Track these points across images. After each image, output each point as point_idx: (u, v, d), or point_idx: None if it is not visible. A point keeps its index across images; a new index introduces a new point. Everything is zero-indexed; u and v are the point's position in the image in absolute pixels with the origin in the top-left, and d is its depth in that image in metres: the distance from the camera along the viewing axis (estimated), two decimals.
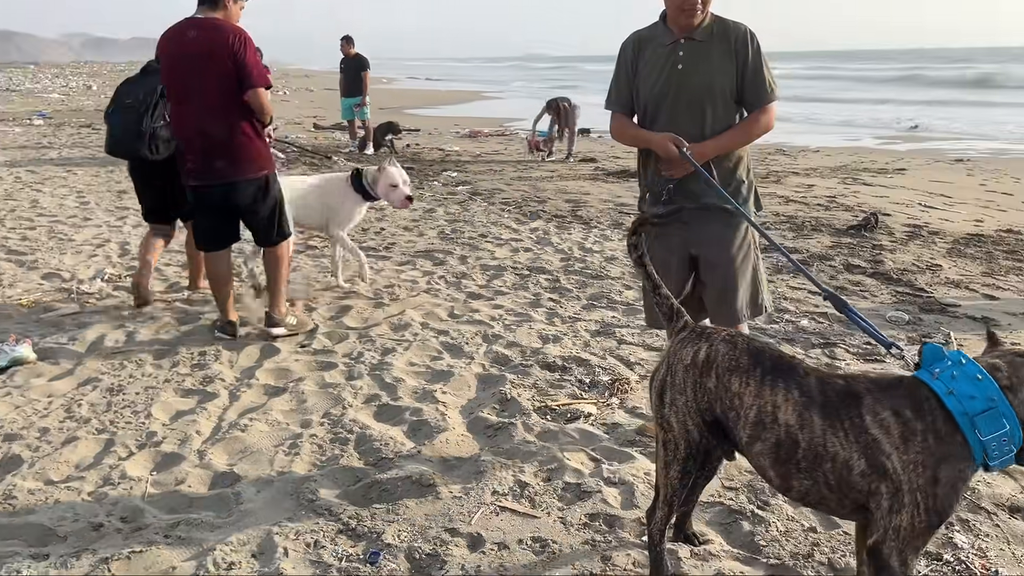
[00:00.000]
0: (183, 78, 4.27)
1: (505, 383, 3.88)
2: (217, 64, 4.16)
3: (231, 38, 4.17)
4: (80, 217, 7.87)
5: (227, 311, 4.56)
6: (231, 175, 4.32)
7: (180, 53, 4.26)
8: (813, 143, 16.23)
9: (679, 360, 2.23)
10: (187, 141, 4.35)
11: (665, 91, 3.10)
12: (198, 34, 4.22)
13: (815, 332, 4.68)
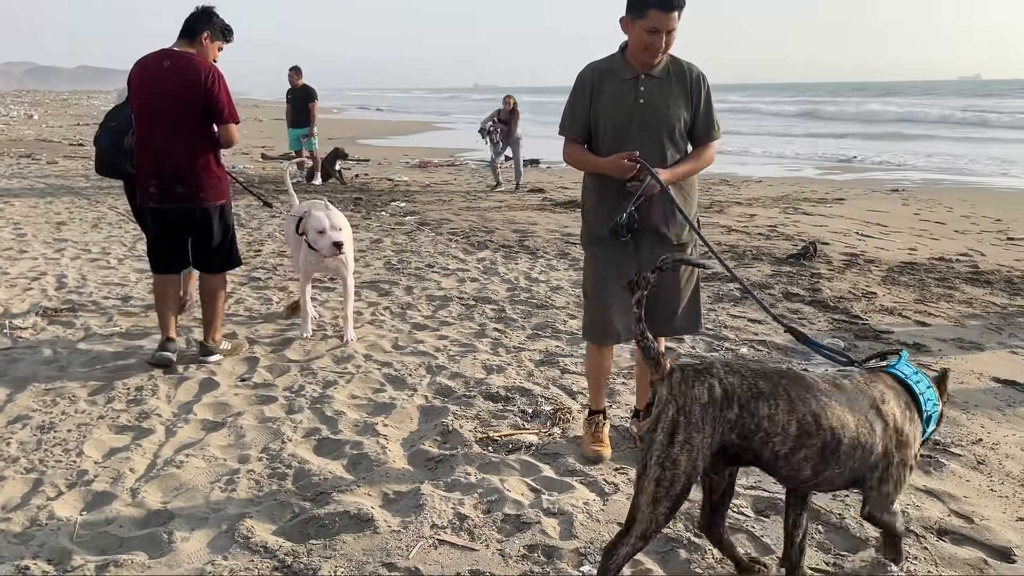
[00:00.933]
0: (154, 105, 4.42)
1: (448, 415, 3.88)
2: (188, 97, 4.36)
3: (204, 74, 4.37)
4: (16, 249, 7.68)
5: (167, 328, 4.64)
6: (191, 201, 4.48)
7: (153, 80, 4.42)
8: (756, 173, 16.61)
9: (693, 400, 2.27)
10: (151, 165, 4.47)
11: (628, 123, 3.27)
12: (172, 64, 4.40)
13: (754, 360, 4.76)
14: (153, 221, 4.59)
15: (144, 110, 4.47)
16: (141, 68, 4.49)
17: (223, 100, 4.44)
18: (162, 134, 4.42)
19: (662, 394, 2.32)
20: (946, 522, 2.97)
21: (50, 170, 15.03)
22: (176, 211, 4.49)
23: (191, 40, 4.50)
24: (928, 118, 34.74)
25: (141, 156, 4.53)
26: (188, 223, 4.53)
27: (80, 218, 9.58)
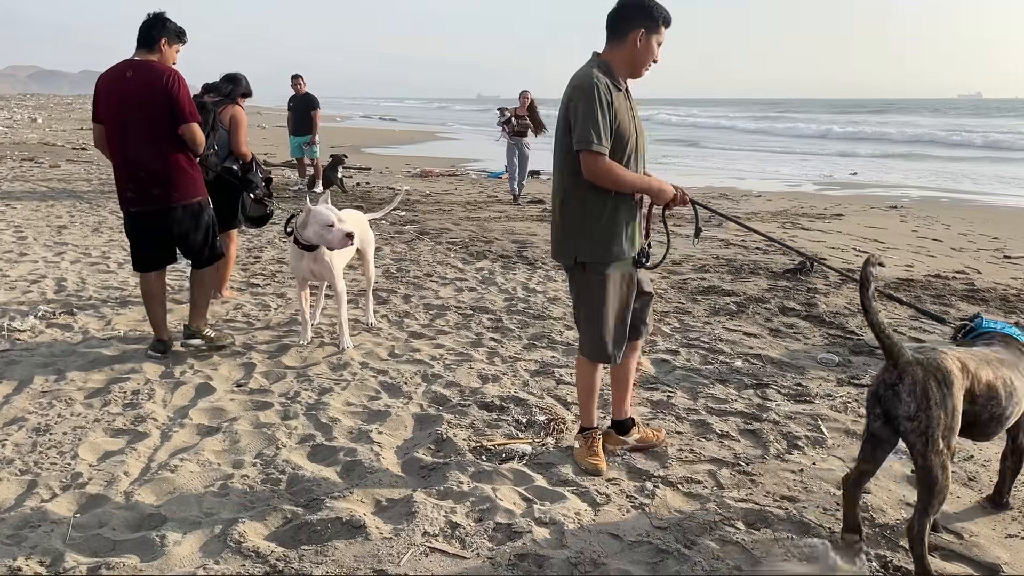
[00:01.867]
0: (122, 114, 4.59)
1: (442, 423, 3.90)
2: (153, 102, 4.53)
3: (165, 78, 4.54)
4: (17, 252, 7.70)
5: (159, 329, 4.85)
6: (167, 201, 4.67)
7: (119, 91, 4.59)
8: (755, 188, 16.66)
9: (947, 373, 2.65)
10: (126, 171, 4.65)
11: (636, 136, 3.31)
12: (135, 74, 4.57)
13: (748, 373, 4.78)
14: (134, 223, 4.77)
15: (114, 120, 4.63)
16: (106, 81, 4.67)
17: (183, 101, 4.58)
18: (133, 140, 4.59)
19: (918, 374, 2.61)
20: (936, 538, 2.98)
21: (52, 174, 15.08)
22: (155, 212, 4.67)
23: (149, 48, 4.65)
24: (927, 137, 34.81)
25: (116, 163, 4.69)
26: (168, 222, 4.71)
27: (81, 222, 9.62)
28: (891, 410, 2.67)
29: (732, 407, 4.24)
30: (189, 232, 4.79)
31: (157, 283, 4.86)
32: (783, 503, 3.22)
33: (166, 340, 4.84)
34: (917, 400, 2.60)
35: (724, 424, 4.00)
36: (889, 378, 2.67)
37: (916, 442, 2.62)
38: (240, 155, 5.97)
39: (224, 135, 5.89)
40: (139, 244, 4.81)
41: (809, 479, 3.43)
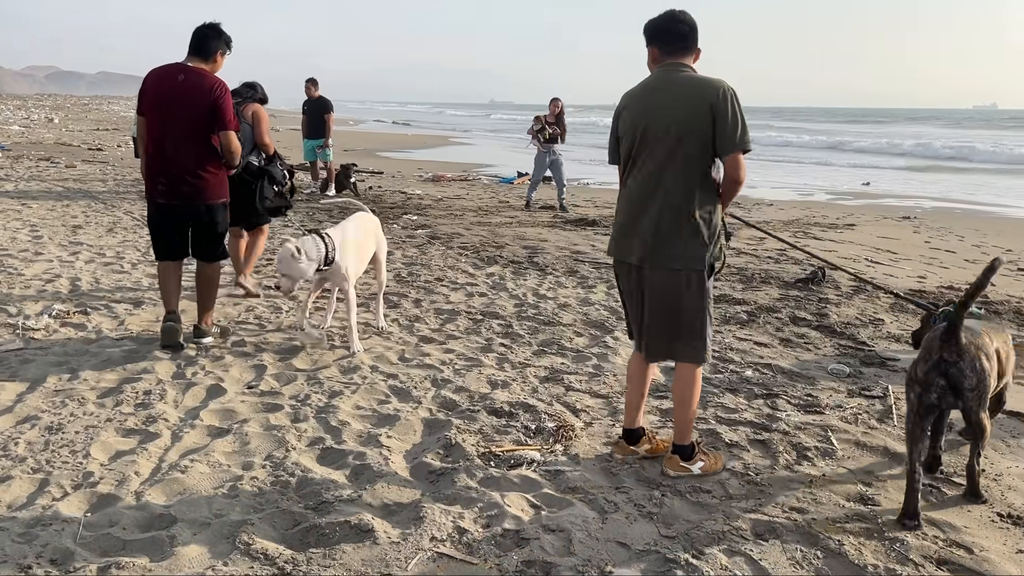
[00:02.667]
0: (167, 112, 4.91)
1: (451, 428, 3.90)
2: (199, 108, 4.88)
3: (215, 88, 4.91)
4: (32, 251, 7.77)
5: (170, 303, 5.09)
6: (195, 199, 4.99)
7: (168, 91, 4.91)
8: (767, 197, 16.62)
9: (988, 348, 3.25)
10: (161, 164, 4.96)
11: None
12: (187, 79, 4.91)
13: (758, 383, 4.77)
14: (159, 214, 5.06)
15: (157, 116, 4.94)
16: (156, 79, 4.98)
17: (227, 111, 4.96)
18: (174, 139, 4.91)
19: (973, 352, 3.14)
20: (946, 552, 2.97)
21: (68, 174, 15.20)
22: (181, 206, 4.99)
23: (204, 57, 5.01)
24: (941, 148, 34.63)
25: (152, 155, 4.99)
26: (191, 217, 5.03)
27: (96, 222, 9.68)
28: (957, 383, 3.14)
29: (742, 416, 4.23)
30: (207, 230, 5.09)
31: (174, 270, 5.13)
32: (792, 514, 3.21)
33: (176, 311, 5.07)
34: (977, 374, 3.13)
35: (734, 434, 3.99)
36: (950, 357, 3.13)
37: (973, 406, 3.17)
38: (264, 146, 6.24)
39: (247, 129, 6.12)
40: (160, 233, 5.09)
41: (819, 490, 3.42)
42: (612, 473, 3.53)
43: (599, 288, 7.12)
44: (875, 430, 4.09)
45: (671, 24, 3.41)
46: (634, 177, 3.47)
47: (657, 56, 3.46)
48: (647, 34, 3.48)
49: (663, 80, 3.41)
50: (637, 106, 3.45)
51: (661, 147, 3.35)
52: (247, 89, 6.46)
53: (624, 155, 3.54)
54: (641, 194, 3.42)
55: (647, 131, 3.38)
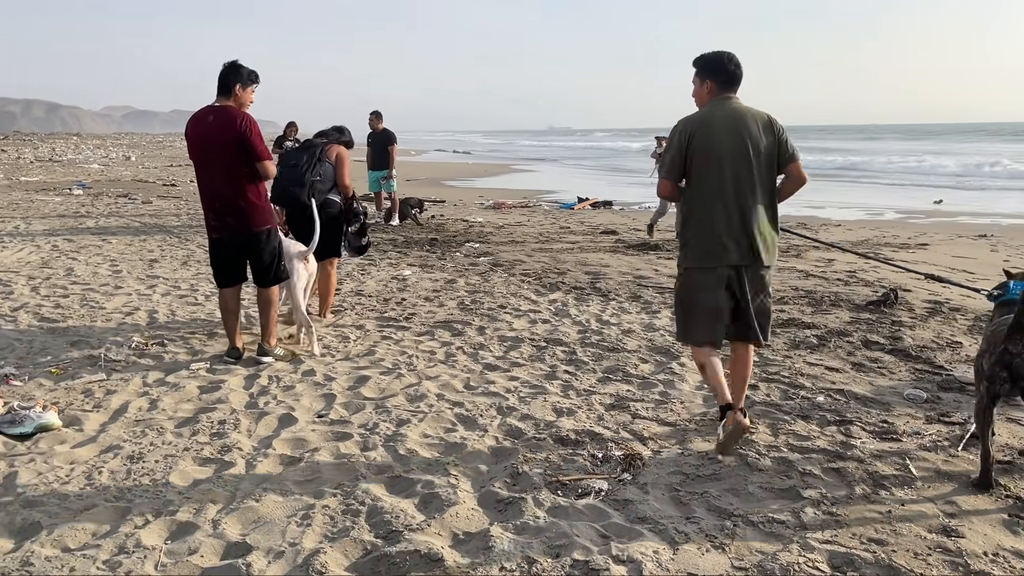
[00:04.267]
0: (204, 153, 5.31)
1: (517, 456, 3.91)
2: (228, 143, 5.22)
3: (239, 122, 5.22)
4: (112, 285, 8.08)
5: (233, 339, 5.54)
6: (240, 229, 5.39)
7: (202, 133, 5.30)
8: (834, 217, 16.29)
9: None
10: (208, 203, 5.41)
11: None
12: (215, 118, 5.28)
13: (831, 409, 4.66)
14: (214, 247, 5.53)
15: (198, 158, 5.37)
16: (192, 124, 5.39)
17: (255, 142, 5.27)
18: (214, 177, 5.32)
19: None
20: None
21: (144, 209, 15.80)
22: (230, 237, 5.43)
23: (227, 95, 5.34)
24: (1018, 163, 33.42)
25: (201, 196, 5.45)
26: (241, 246, 5.46)
27: (171, 255, 10.04)
28: (1020, 375, 3.41)
29: (815, 444, 4.13)
30: (256, 255, 5.50)
31: (232, 298, 5.53)
32: (871, 546, 3.11)
33: (239, 348, 5.53)
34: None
35: (807, 462, 3.90)
36: (1015, 348, 3.40)
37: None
38: (343, 187, 6.59)
39: (329, 168, 6.48)
40: (217, 264, 5.53)
41: (897, 521, 3.31)
42: (682, 503, 3.49)
43: (663, 314, 7.06)
44: (956, 458, 3.95)
45: (731, 67, 4.04)
46: (720, 193, 3.93)
47: (714, 89, 4.06)
48: (707, 70, 4.08)
49: (734, 110, 3.99)
50: (718, 134, 3.94)
51: (745, 165, 3.93)
52: (335, 132, 6.81)
53: (699, 173, 3.98)
54: (739, 206, 3.93)
55: (730, 152, 3.92)
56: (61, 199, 17.66)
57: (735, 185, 3.92)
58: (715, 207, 3.93)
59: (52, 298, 7.42)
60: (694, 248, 4.03)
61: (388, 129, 14.23)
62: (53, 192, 19.37)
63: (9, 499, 3.44)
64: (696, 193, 4.00)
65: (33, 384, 4.98)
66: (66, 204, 16.50)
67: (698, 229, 4.00)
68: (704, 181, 3.96)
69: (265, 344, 5.53)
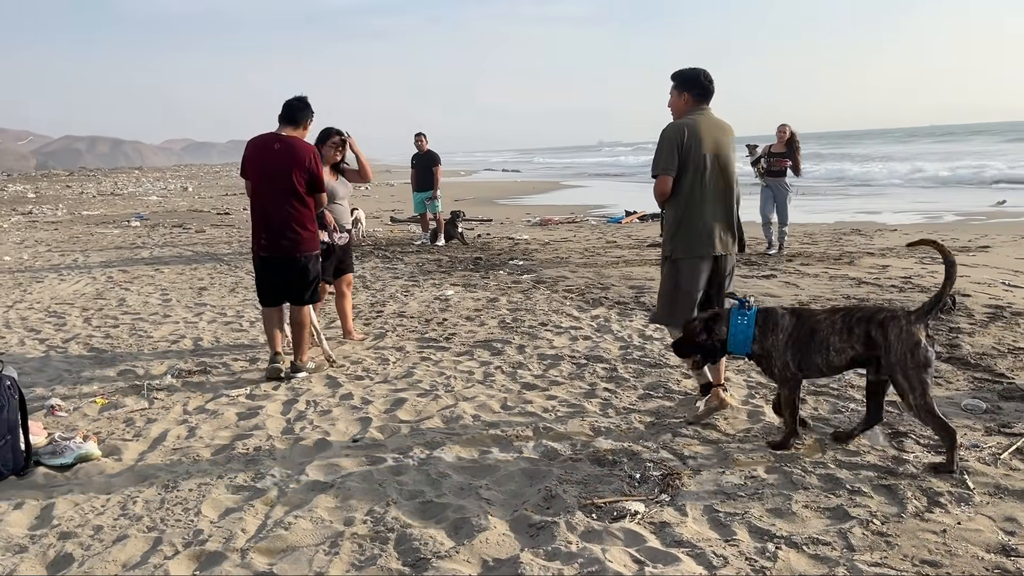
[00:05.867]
0: (266, 177, 5.59)
1: (551, 478, 3.81)
2: (295, 173, 5.55)
3: (309, 156, 5.62)
4: (161, 314, 8.23)
5: (275, 346, 5.84)
6: (292, 252, 5.66)
7: (268, 159, 5.59)
8: (890, 221, 15.83)
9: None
10: (263, 222, 5.65)
11: None
12: (282, 147, 5.58)
13: (884, 422, 4.45)
14: (263, 265, 5.75)
15: (258, 180, 5.62)
16: (256, 148, 5.67)
17: (320, 177, 5.70)
18: (273, 199, 5.58)
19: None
20: None
21: (197, 238, 16.14)
22: (280, 259, 5.66)
23: (295, 127, 5.69)
24: None
25: (256, 215, 5.68)
26: (288, 268, 5.67)
27: (220, 283, 10.20)
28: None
29: (864, 459, 3.94)
30: (301, 278, 5.72)
31: (276, 314, 5.85)
32: (924, 568, 2.94)
33: (280, 352, 5.83)
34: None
35: (855, 479, 3.72)
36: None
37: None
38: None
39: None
40: (263, 282, 5.80)
41: (953, 541, 3.12)
42: (722, 524, 3.35)
43: None
44: (1017, 472, 3.72)
45: (705, 82, 4.61)
46: (705, 190, 4.50)
47: (690, 101, 4.61)
48: (685, 84, 4.63)
49: (711, 119, 4.59)
50: (703, 137, 4.48)
51: (723, 166, 4.55)
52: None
53: (690, 172, 4.48)
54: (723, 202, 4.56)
55: (713, 154, 4.50)
56: (119, 231, 18.16)
57: (718, 183, 4.52)
58: (704, 202, 4.50)
59: (103, 328, 7.58)
60: (684, 239, 4.53)
61: (432, 150, 14.32)
62: (112, 225, 19.95)
63: (44, 531, 3.47)
64: (688, 190, 4.50)
65: (78, 415, 5.06)
66: (124, 236, 16.96)
67: (689, 222, 4.51)
68: (694, 179, 4.48)
69: (298, 361, 5.81)
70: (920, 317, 3.86)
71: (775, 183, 11.60)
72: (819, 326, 4.01)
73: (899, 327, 3.83)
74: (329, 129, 6.60)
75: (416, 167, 14.43)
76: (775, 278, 9.24)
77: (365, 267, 11.37)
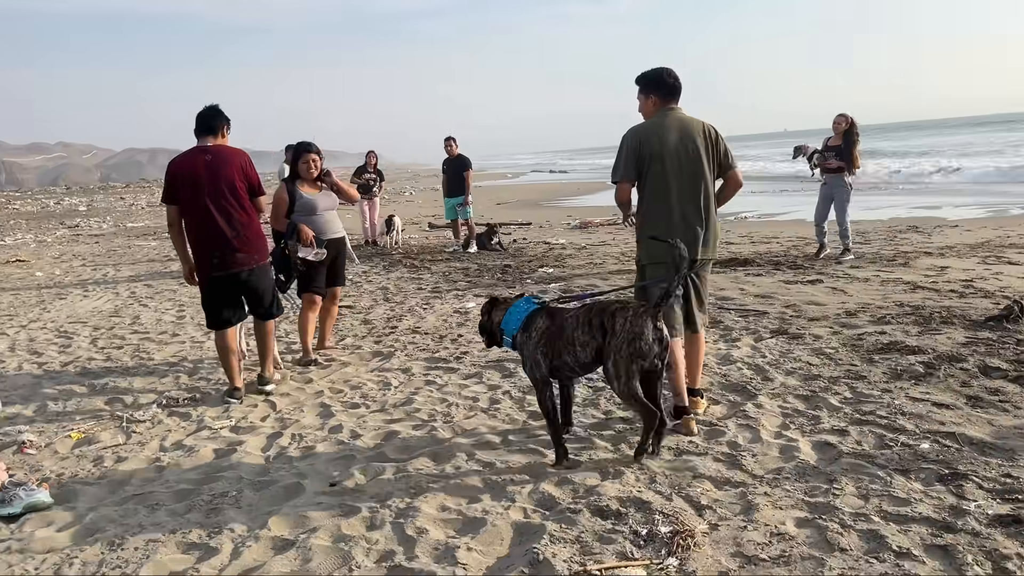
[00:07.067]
0: (206, 192, 5.24)
1: (543, 536, 3.28)
2: (232, 180, 5.31)
3: (243, 161, 5.40)
4: (170, 333, 7.92)
5: (233, 379, 5.51)
6: (248, 263, 5.38)
7: (201, 174, 5.26)
8: (950, 216, 14.87)
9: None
10: (211, 241, 5.28)
11: None
12: (213, 158, 5.31)
13: (938, 459, 3.82)
14: (215, 287, 5.40)
15: (198, 198, 5.25)
16: (184, 167, 5.30)
17: (255, 177, 5.48)
18: (220, 213, 5.27)
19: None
20: None
21: None
22: (236, 274, 5.35)
23: (215, 135, 5.41)
24: None
25: (199, 234, 5.31)
26: (244, 282, 5.40)
27: None
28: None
29: (915, 510, 3.33)
30: (261, 289, 5.50)
31: (232, 338, 5.50)
32: None
33: (240, 388, 5.52)
34: None
35: (904, 536, 3.12)
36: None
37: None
38: None
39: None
40: (218, 305, 5.42)
41: None
42: None
43: (744, 342, 6.28)
44: None
45: (671, 81, 4.48)
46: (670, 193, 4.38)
47: (658, 102, 4.49)
48: (649, 86, 4.52)
49: (679, 119, 4.45)
50: (666, 139, 4.37)
51: (692, 167, 4.40)
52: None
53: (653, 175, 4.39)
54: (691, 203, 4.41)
55: (679, 155, 4.38)
56: (157, 243, 18.13)
57: (685, 185, 4.38)
58: (669, 206, 4.38)
59: (107, 350, 7.28)
60: (649, 245, 4.38)
61: (463, 155, 13.89)
62: (152, 237, 19.99)
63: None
64: (651, 194, 4.41)
65: (48, 452, 4.70)
66: (160, 248, 16.89)
67: (654, 227, 4.38)
68: (658, 183, 4.38)
69: (265, 374, 5.65)
70: (648, 309, 3.87)
71: (832, 180, 10.46)
72: (567, 323, 4.02)
73: (625, 317, 3.86)
74: (300, 144, 6.47)
75: (446, 172, 14.03)
76: (821, 283, 8.53)
77: (390, 278, 10.96)
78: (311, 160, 6.39)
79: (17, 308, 9.98)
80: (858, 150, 10.38)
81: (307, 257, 6.11)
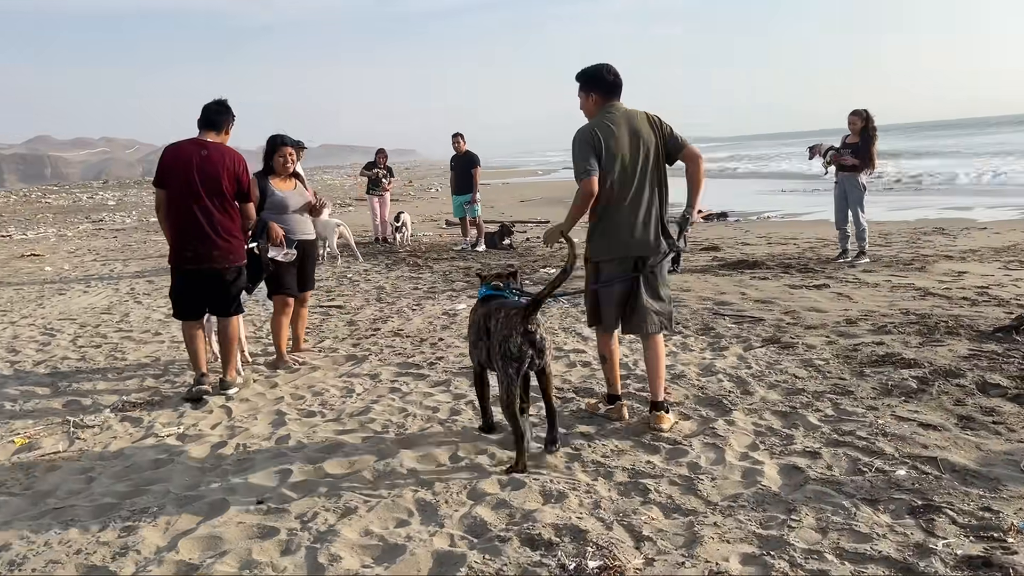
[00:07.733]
0: (193, 186, 5.24)
1: (462, 568, 3.01)
2: (224, 179, 5.31)
3: (238, 163, 5.38)
4: (152, 332, 7.78)
5: (200, 365, 5.52)
6: (222, 262, 5.38)
7: (194, 166, 5.25)
8: (980, 218, 14.27)
9: None
10: (190, 235, 5.29)
11: None
12: (210, 153, 5.31)
13: (913, 488, 3.49)
14: (186, 279, 5.41)
15: (184, 190, 5.26)
16: (178, 155, 5.30)
17: (247, 184, 5.48)
18: (201, 209, 5.26)
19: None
20: None
21: None
22: (208, 270, 5.35)
23: (217, 131, 5.42)
24: None
25: (179, 226, 5.31)
26: (216, 280, 5.39)
27: None
28: None
29: (875, 548, 3.01)
30: (228, 290, 5.46)
31: (197, 327, 5.51)
32: None
33: (207, 373, 5.52)
34: None
35: None
36: None
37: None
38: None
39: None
40: (187, 298, 5.44)
41: None
42: None
43: (731, 351, 5.93)
44: None
45: (610, 77, 4.39)
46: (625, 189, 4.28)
47: (599, 100, 4.41)
48: (589, 83, 4.43)
49: (624, 113, 4.35)
50: (617, 136, 4.25)
51: (643, 162, 4.30)
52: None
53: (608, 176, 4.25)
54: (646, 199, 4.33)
55: (630, 151, 4.27)
56: None
57: (637, 181, 4.28)
58: (623, 203, 4.28)
59: (84, 349, 7.15)
60: (601, 241, 4.37)
61: (471, 151, 13.64)
62: None
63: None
64: (605, 192, 4.26)
65: None
66: None
67: (606, 224, 4.32)
68: (611, 181, 4.25)
69: (227, 378, 5.53)
70: (520, 311, 3.87)
71: (846, 179, 9.91)
72: (475, 321, 4.19)
73: (498, 318, 3.92)
74: (275, 137, 6.19)
75: (454, 169, 13.79)
76: (827, 288, 8.12)
77: (389, 277, 10.75)
78: (287, 154, 6.19)
79: (15, 303, 9.95)
80: (876, 148, 9.90)
81: (276, 257, 5.91)
